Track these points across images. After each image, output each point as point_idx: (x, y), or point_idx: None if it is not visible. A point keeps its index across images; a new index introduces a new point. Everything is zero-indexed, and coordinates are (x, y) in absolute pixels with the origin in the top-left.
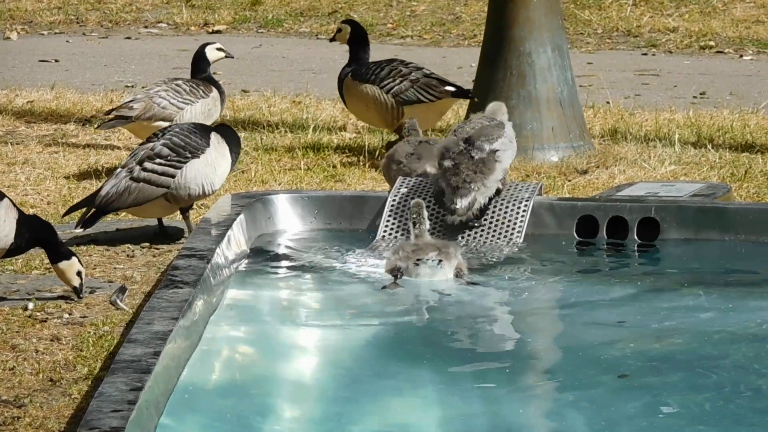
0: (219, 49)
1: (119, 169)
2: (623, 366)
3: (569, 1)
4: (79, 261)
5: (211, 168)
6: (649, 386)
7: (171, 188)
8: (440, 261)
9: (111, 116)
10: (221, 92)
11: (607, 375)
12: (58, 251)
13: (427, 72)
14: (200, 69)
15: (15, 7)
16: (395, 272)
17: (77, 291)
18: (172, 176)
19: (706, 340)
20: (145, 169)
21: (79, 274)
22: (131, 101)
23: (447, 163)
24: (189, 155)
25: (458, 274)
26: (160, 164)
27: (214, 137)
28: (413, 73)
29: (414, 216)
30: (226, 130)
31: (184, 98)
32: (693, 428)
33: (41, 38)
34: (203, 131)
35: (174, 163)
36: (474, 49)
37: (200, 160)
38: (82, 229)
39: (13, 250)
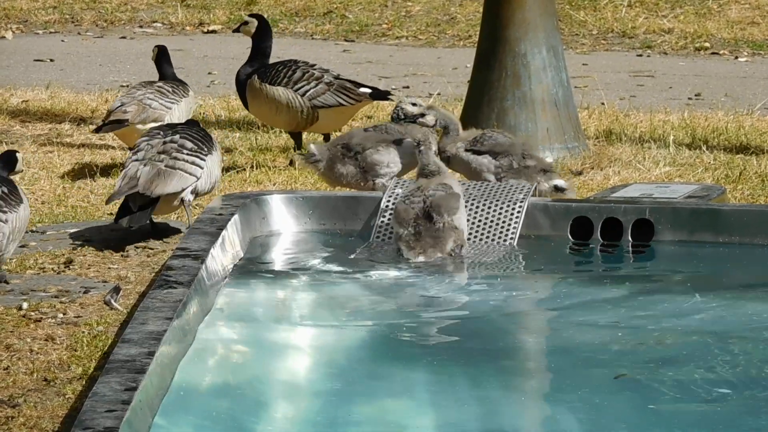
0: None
1: (138, 161)
2: (618, 367)
3: (564, 2)
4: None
5: (220, 164)
6: (643, 387)
7: (200, 178)
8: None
9: (106, 121)
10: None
11: (601, 376)
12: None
13: (334, 74)
14: (168, 69)
15: (10, 6)
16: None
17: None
18: (201, 167)
19: (701, 342)
20: (176, 159)
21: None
22: (121, 105)
23: None
24: (206, 150)
25: (452, 253)
26: (189, 155)
27: (213, 136)
28: (325, 76)
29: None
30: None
31: (170, 98)
32: (687, 429)
33: (36, 37)
34: (204, 130)
35: (199, 154)
36: (469, 50)
37: (214, 156)
38: (131, 226)
39: None
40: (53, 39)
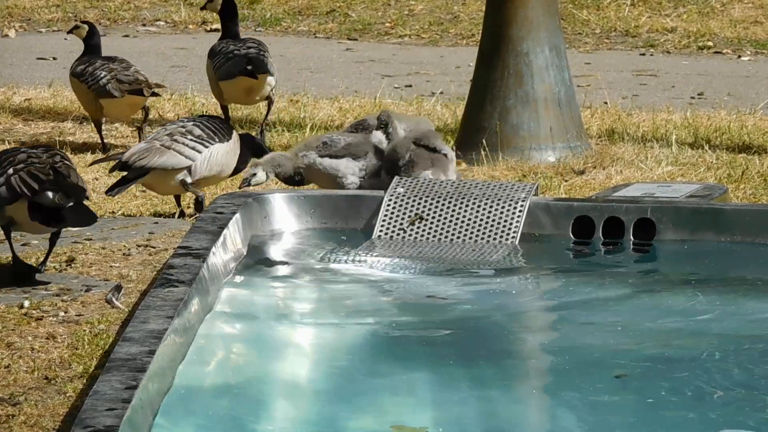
0: None
1: (148, 138)
2: (619, 366)
3: (567, 1)
4: None
5: (231, 157)
6: (645, 387)
7: (195, 161)
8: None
9: (136, 87)
10: None
11: (602, 375)
12: None
13: (252, 52)
14: (98, 47)
15: (13, 4)
16: None
17: None
18: (200, 152)
19: (702, 341)
20: (176, 141)
21: None
22: (140, 77)
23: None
24: (217, 139)
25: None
26: (191, 140)
27: (234, 133)
28: (234, 54)
29: (383, 123)
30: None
31: None
32: (689, 429)
33: (39, 36)
34: (225, 122)
35: (204, 141)
36: (472, 49)
37: (224, 146)
38: (110, 195)
39: None
40: (56, 37)
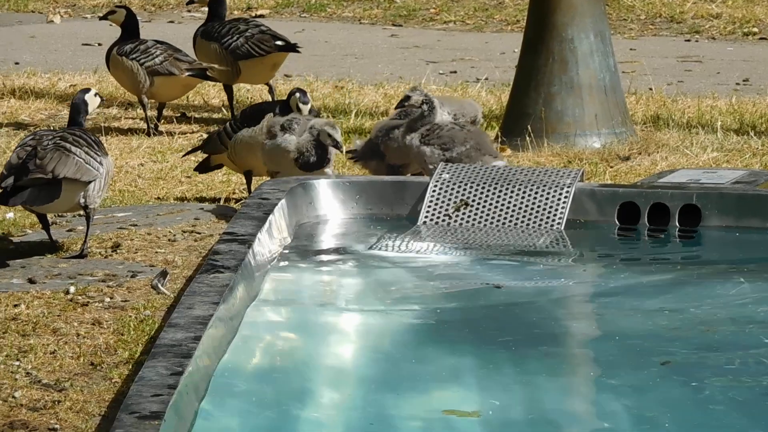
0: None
1: None
2: (665, 353)
3: None
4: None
5: (258, 133)
6: (691, 373)
7: (229, 148)
8: None
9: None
10: None
11: (648, 362)
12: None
13: (264, 29)
14: (135, 33)
15: None
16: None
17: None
18: (230, 137)
19: (748, 328)
20: (224, 128)
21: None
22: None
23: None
24: (252, 124)
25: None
26: (231, 127)
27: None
28: (249, 30)
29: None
30: None
31: None
32: (735, 415)
33: (84, 21)
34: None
35: (236, 128)
36: (517, 35)
37: (249, 131)
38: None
39: None
40: (101, 23)
